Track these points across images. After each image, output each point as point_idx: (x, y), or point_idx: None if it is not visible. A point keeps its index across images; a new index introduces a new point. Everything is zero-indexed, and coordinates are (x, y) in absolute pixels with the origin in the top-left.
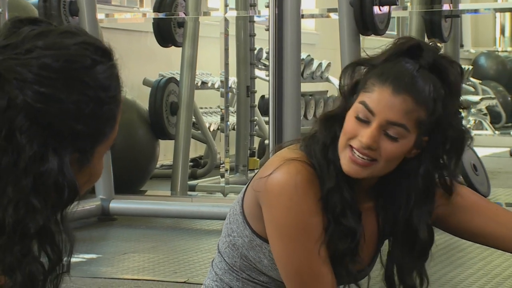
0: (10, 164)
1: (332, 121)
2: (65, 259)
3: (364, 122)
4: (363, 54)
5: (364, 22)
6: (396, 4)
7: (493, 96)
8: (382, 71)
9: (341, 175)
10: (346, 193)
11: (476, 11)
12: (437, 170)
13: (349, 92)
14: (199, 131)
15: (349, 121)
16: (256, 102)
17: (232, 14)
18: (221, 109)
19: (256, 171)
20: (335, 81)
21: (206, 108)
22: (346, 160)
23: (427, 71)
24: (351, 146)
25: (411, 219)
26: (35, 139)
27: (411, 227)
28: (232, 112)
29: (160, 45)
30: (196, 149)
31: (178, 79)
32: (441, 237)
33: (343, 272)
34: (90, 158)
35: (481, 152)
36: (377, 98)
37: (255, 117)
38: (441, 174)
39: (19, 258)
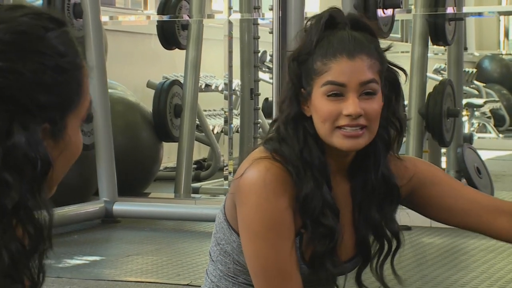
0: None
1: (295, 122)
2: (46, 234)
3: (339, 97)
4: None
5: None
6: (400, 7)
7: (497, 99)
8: (325, 50)
9: (320, 174)
10: (325, 193)
11: (480, 14)
12: (390, 114)
13: (297, 88)
14: (203, 134)
15: (323, 107)
16: (260, 105)
17: (236, 16)
18: (225, 112)
19: None
20: None
21: (209, 110)
22: (342, 139)
23: (353, 31)
24: (339, 127)
25: (383, 172)
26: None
27: (384, 179)
28: (236, 115)
29: (164, 48)
30: (200, 152)
31: (182, 81)
32: (444, 240)
33: (323, 274)
34: (62, 129)
35: (485, 155)
36: (338, 70)
37: (259, 120)
38: (392, 116)
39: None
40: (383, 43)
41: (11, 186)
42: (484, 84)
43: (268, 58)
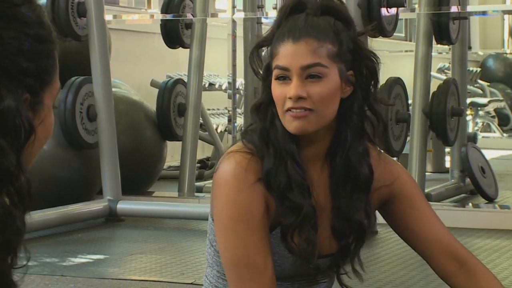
0: None
1: (264, 107)
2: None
3: (285, 81)
4: None
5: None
6: (403, 6)
7: (501, 98)
8: (278, 35)
9: (286, 152)
10: (290, 168)
11: (484, 13)
12: (365, 102)
13: (266, 75)
14: (207, 133)
15: (275, 90)
16: None
17: (239, 15)
18: (229, 111)
19: None
20: None
21: (213, 109)
22: (289, 122)
23: (316, 16)
24: (287, 110)
25: (349, 159)
26: None
27: (350, 165)
28: (240, 114)
29: (168, 47)
30: (204, 151)
31: (186, 80)
32: None
33: (294, 248)
34: (40, 102)
35: (489, 154)
36: (283, 54)
37: None
38: (370, 106)
39: None
40: (387, 41)
41: (5, 151)
42: (488, 83)
43: None
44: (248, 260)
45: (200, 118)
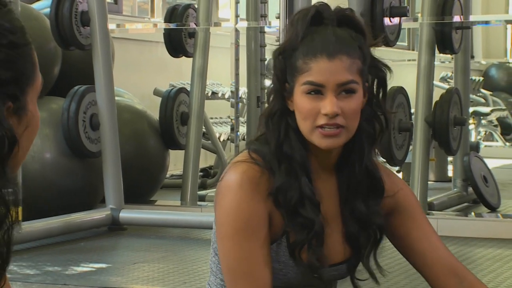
0: None
1: (279, 116)
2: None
3: (318, 95)
4: None
5: (375, 33)
6: (406, 16)
7: (504, 107)
8: (307, 48)
9: (299, 167)
10: (303, 184)
11: (487, 22)
12: (375, 109)
13: (282, 82)
14: (209, 141)
15: (303, 105)
16: None
17: (242, 24)
18: (231, 119)
19: None
20: None
21: (216, 118)
22: (320, 138)
23: (338, 28)
24: (318, 126)
25: (367, 166)
26: None
27: (368, 173)
28: (242, 123)
29: (171, 55)
30: (206, 159)
31: (189, 89)
32: (451, 249)
33: (304, 265)
34: (25, 105)
35: (491, 163)
36: (318, 70)
37: None
38: (378, 111)
39: None
40: (389, 50)
41: None
42: (491, 93)
43: None
44: (245, 270)
45: (203, 127)
